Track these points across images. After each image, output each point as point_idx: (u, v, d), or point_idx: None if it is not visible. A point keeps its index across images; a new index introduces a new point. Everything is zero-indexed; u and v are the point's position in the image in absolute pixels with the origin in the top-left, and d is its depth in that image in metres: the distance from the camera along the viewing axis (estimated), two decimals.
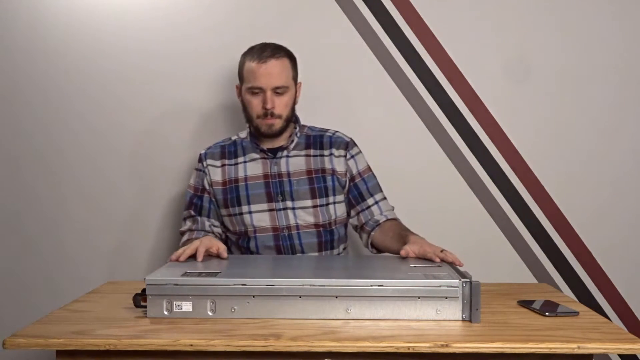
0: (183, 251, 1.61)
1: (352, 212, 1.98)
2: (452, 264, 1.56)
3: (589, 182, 2.29)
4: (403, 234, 1.80)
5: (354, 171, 1.97)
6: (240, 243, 1.94)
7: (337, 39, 2.16)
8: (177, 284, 1.37)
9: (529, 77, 2.28)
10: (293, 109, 1.95)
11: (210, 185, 1.95)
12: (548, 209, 2.29)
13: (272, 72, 1.87)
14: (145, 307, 1.38)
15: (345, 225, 2.00)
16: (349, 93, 2.27)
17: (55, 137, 2.28)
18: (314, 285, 1.37)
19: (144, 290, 1.39)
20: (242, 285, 1.37)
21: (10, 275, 2.29)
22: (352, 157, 1.98)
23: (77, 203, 2.29)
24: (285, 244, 1.90)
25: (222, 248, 1.67)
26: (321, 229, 1.92)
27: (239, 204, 1.92)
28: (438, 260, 1.59)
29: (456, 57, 2.26)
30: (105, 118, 2.27)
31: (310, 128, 2.02)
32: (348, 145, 1.98)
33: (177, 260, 1.59)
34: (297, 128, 1.98)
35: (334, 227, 1.94)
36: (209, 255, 1.67)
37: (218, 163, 1.97)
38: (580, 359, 1.25)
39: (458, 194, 2.29)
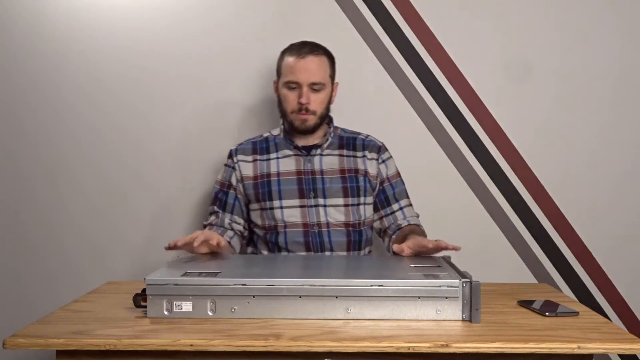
0: (182, 238, 1.62)
1: (376, 216, 1.99)
2: (447, 250, 1.59)
3: (589, 182, 2.29)
4: (409, 235, 1.81)
5: (384, 175, 1.99)
6: (268, 238, 1.93)
7: (337, 39, 2.16)
8: (177, 284, 1.37)
9: (529, 77, 2.28)
10: (328, 108, 1.96)
11: (240, 180, 1.96)
12: (548, 209, 2.29)
13: (310, 68, 1.89)
14: (145, 307, 1.38)
15: (372, 228, 2.01)
16: (349, 93, 2.27)
17: (54, 138, 2.28)
18: (314, 285, 1.37)
19: (144, 290, 1.39)
20: (242, 285, 1.37)
21: (10, 276, 2.29)
22: (384, 161, 2.00)
23: (77, 203, 2.29)
24: (314, 240, 1.91)
25: (221, 240, 1.68)
26: (351, 228, 1.93)
27: (271, 199, 1.92)
28: (431, 246, 1.62)
29: (456, 57, 2.26)
30: (103, 119, 2.27)
31: (343, 130, 2.04)
32: (380, 149, 2.01)
33: (174, 245, 1.61)
34: (332, 128, 1.99)
35: (362, 228, 1.95)
36: (209, 253, 1.68)
37: (250, 158, 1.97)
38: (580, 359, 1.25)
39: (458, 194, 2.29)
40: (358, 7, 2.26)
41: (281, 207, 1.91)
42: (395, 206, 1.98)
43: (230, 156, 2.00)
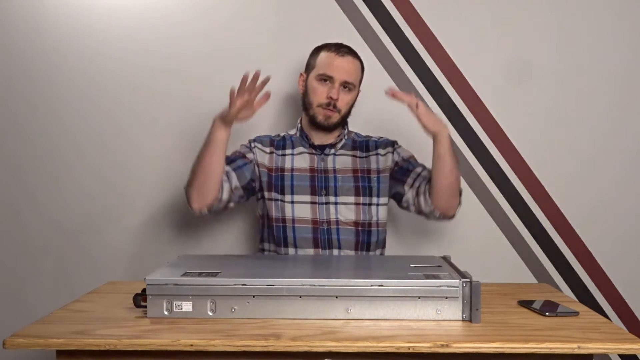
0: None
1: (406, 188, 1.92)
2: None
3: (589, 182, 2.29)
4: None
5: (398, 158, 1.98)
6: (276, 233, 1.92)
7: (337, 39, 2.16)
8: (177, 284, 1.37)
9: (529, 77, 2.27)
10: (350, 111, 1.98)
11: (256, 163, 1.95)
12: (548, 209, 2.29)
13: (347, 66, 1.93)
14: (145, 307, 1.38)
15: (385, 231, 2.00)
16: None
17: (55, 138, 2.27)
18: (314, 285, 1.37)
19: (144, 290, 1.39)
20: (242, 285, 1.37)
21: (10, 275, 2.29)
22: (397, 149, 2.00)
23: (77, 203, 2.29)
24: (323, 237, 1.91)
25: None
26: (360, 227, 1.92)
27: (282, 193, 1.93)
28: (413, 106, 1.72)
29: (456, 57, 2.26)
30: (102, 119, 2.27)
31: (356, 134, 2.05)
32: (394, 143, 2.02)
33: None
34: (346, 130, 2.01)
35: (372, 229, 1.94)
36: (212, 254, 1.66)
37: (267, 150, 1.98)
38: (580, 359, 1.26)
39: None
40: (358, 7, 2.26)
41: (292, 202, 1.92)
42: (419, 169, 1.93)
43: (248, 142, 2.00)
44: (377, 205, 1.95)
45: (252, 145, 1.98)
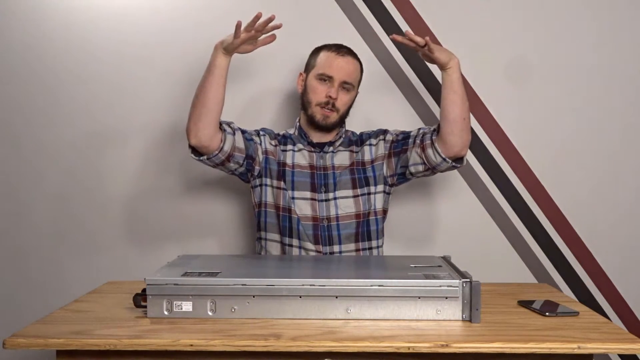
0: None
1: (415, 152, 1.90)
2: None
3: (590, 182, 2.29)
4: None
5: (391, 138, 1.99)
6: (282, 222, 1.93)
7: (337, 39, 2.16)
8: (177, 284, 1.37)
9: (530, 77, 2.27)
10: (348, 111, 2.00)
11: (265, 152, 1.96)
12: (548, 209, 2.29)
13: (346, 66, 1.94)
14: (145, 307, 1.38)
15: (384, 220, 2.00)
16: None
17: (52, 139, 2.27)
18: (314, 285, 1.37)
19: (144, 290, 1.39)
20: (242, 285, 1.37)
21: (10, 276, 2.29)
22: (387, 134, 2.01)
23: (77, 203, 2.29)
24: (323, 234, 1.92)
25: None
26: (361, 219, 1.94)
27: (284, 189, 1.94)
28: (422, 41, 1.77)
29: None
30: (100, 120, 2.27)
31: (352, 133, 2.07)
32: (385, 131, 2.03)
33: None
34: (343, 128, 2.03)
35: (371, 218, 1.96)
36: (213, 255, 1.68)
37: (273, 142, 2.00)
38: (580, 359, 1.26)
39: (458, 194, 2.29)
40: (358, 7, 2.26)
41: (293, 198, 1.93)
42: (414, 132, 1.95)
43: (254, 130, 2.00)
44: (375, 194, 1.97)
45: (261, 133, 2.00)
